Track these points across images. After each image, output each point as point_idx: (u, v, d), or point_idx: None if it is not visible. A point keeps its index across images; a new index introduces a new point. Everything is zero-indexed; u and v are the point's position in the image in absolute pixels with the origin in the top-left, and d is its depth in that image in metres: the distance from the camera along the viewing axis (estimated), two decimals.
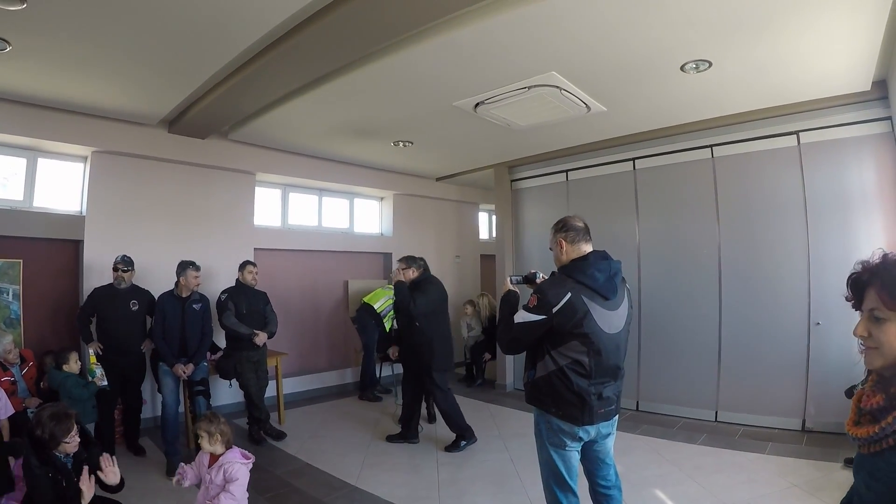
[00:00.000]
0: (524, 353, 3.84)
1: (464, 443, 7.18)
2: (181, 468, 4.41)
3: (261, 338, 7.37)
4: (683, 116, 7.66)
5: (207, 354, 7.13)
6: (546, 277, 4.19)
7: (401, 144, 9.18)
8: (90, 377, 6.21)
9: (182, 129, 8.11)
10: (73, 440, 4.06)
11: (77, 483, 3.99)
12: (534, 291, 3.65)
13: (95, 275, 7.45)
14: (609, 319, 3.60)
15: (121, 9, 4.60)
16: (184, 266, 6.87)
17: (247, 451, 4.42)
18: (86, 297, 7.11)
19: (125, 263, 6.92)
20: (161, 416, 6.74)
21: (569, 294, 3.48)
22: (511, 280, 4.28)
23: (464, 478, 6.15)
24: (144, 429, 7.38)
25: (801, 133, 7.25)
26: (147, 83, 6.44)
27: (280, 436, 7.53)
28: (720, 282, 7.84)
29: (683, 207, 8.25)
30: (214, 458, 4.31)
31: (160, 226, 8.33)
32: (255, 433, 7.34)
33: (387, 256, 11.99)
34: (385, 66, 5.85)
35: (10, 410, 5.58)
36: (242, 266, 7.68)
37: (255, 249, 9.43)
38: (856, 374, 6.15)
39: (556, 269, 3.87)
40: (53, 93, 6.66)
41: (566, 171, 9.84)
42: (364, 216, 12.12)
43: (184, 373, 6.59)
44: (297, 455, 6.79)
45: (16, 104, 6.86)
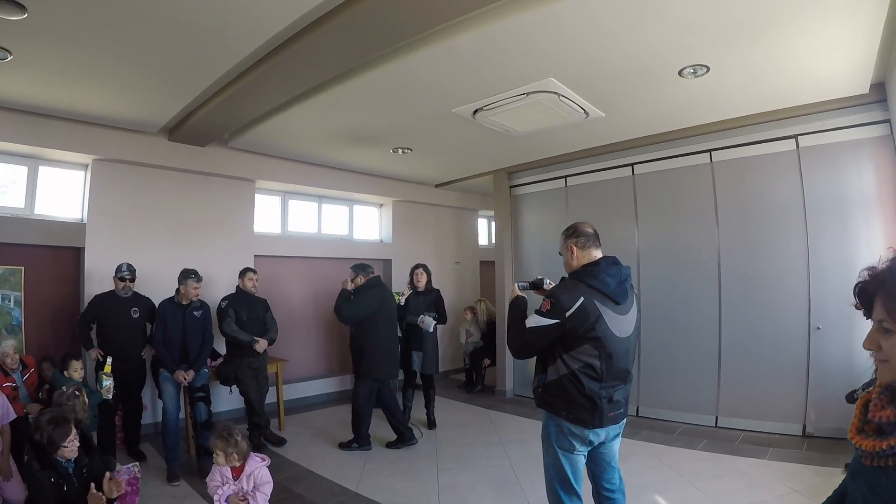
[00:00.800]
0: (533, 359, 3.86)
1: (355, 446, 7.39)
2: (216, 492, 4.38)
3: (261, 345, 7.36)
4: (682, 121, 7.67)
5: (208, 361, 7.13)
6: (552, 283, 4.22)
7: (400, 151, 9.18)
8: (98, 387, 6.18)
9: (182, 137, 8.12)
10: (73, 445, 4.06)
11: (77, 488, 4.01)
12: (546, 296, 3.67)
13: (96, 282, 7.48)
14: (620, 324, 3.64)
15: (121, 18, 4.62)
16: (185, 275, 6.87)
17: (262, 455, 4.52)
18: (86, 304, 7.13)
19: (131, 272, 6.96)
20: (161, 422, 6.75)
21: (581, 298, 3.51)
22: (518, 286, 4.28)
23: (463, 484, 6.15)
24: (145, 434, 7.40)
25: (800, 137, 7.26)
26: (147, 91, 6.46)
27: (280, 442, 7.53)
28: (720, 286, 7.84)
29: (682, 212, 8.26)
30: (237, 470, 4.36)
31: (160, 233, 8.35)
32: (256, 439, 7.33)
33: (386, 263, 11.99)
34: (384, 73, 5.86)
35: (12, 415, 5.59)
36: (243, 273, 7.68)
37: (255, 256, 9.45)
38: (856, 379, 6.16)
39: (567, 275, 3.90)
40: (54, 101, 6.68)
41: (565, 177, 9.85)
42: (363, 223, 12.12)
43: (184, 379, 6.59)
44: (298, 461, 6.79)
45: (17, 112, 6.89)
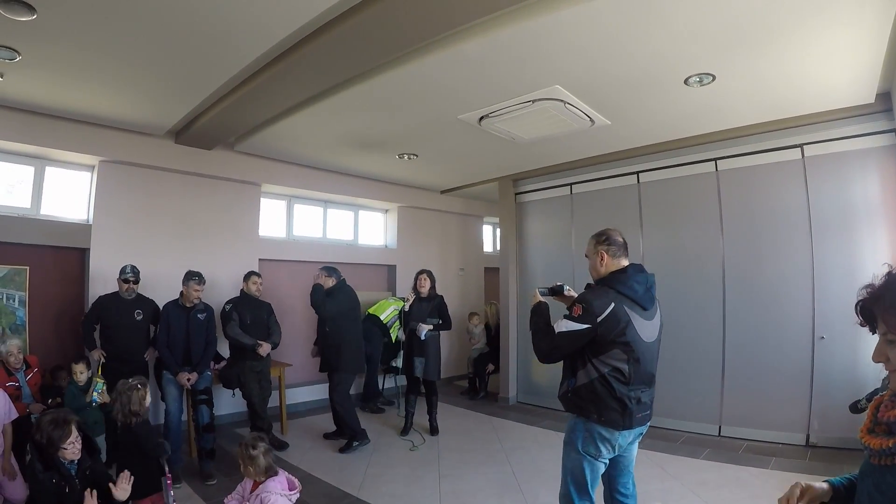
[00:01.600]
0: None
1: (356, 443, 7.49)
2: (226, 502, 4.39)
3: (264, 348, 7.35)
4: (687, 130, 7.66)
5: (211, 364, 7.14)
6: (571, 289, 4.29)
7: (406, 157, 9.20)
8: (95, 390, 6.16)
9: (189, 140, 8.15)
10: (73, 447, 4.05)
11: (80, 491, 4.01)
12: (577, 301, 3.70)
13: (101, 283, 7.49)
14: (646, 329, 3.72)
15: (130, 21, 4.64)
16: (188, 277, 6.89)
17: (294, 480, 4.30)
18: (90, 305, 7.14)
19: (135, 274, 6.96)
20: (164, 424, 6.73)
21: (612, 304, 3.58)
22: (538, 292, 4.29)
23: (465, 490, 6.14)
24: None
25: (806, 146, 7.25)
26: (155, 94, 6.49)
27: (282, 446, 7.53)
28: (724, 295, 7.82)
29: (687, 221, 8.25)
30: (256, 485, 4.25)
31: (166, 235, 8.37)
32: None
33: (391, 268, 12.00)
34: (390, 79, 5.88)
35: (14, 414, 5.60)
36: (247, 277, 7.69)
37: (260, 260, 9.46)
38: (860, 389, 6.16)
39: (594, 281, 3.95)
40: (62, 102, 6.71)
41: (570, 185, 9.85)
42: (368, 228, 12.13)
43: (187, 381, 6.60)
44: (299, 465, 6.78)
45: (25, 113, 6.91)
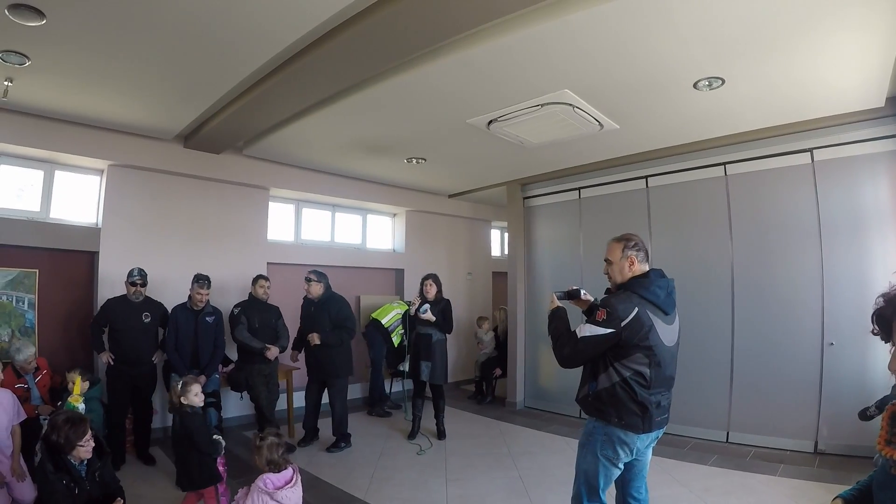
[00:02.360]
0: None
1: (344, 445, 7.68)
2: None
3: (272, 352, 7.38)
4: (696, 134, 7.65)
5: (219, 367, 7.16)
6: (588, 294, 4.33)
7: (414, 161, 9.21)
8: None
9: (197, 145, 8.17)
10: (88, 445, 4.10)
11: (88, 492, 4.03)
12: (601, 306, 3.70)
13: (110, 286, 7.51)
14: (668, 333, 3.76)
15: (138, 26, 4.67)
16: (194, 280, 6.94)
17: (278, 481, 4.22)
18: (99, 308, 7.17)
19: (142, 277, 6.99)
20: (171, 427, 6.76)
21: (636, 309, 3.62)
22: (556, 296, 4.31)
23: (472, 495, 6.13)
24: (154, 438, 7.41)
25: (815, 150, 7.22)
26: (163, 99, 6.52)
27: (290, 449, 7.52)
28: (733, 300, 7.80)
29: (696, 225, 8.23)
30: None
31: (174, 239, 8.40)
32: None
33: (399, 272, 12.01)
34: (399, 84, 5.89)
35: (23, 416, 5.63)
36: (255, 280, 7.71)
37: (269, 264, 9.49)
38: (869, 396, 6.12)
39: (614, 286, 3.97)
40: (71, 107, 6.74)
41: (579, 189, 9.84)
42: (376, 232, 12.14)
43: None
44: (307, 468, 6.75)
45: (34, 117, 6.95)
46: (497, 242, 15.14)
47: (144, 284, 7.02)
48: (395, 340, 9.93)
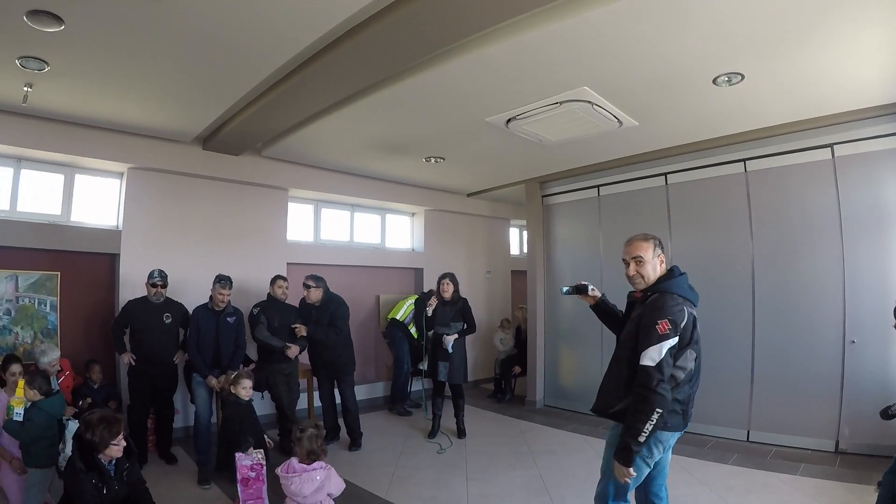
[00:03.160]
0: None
1: (360, 442, 7.73)
2: None
3: (293, 350, 7.40)
4: (716, 130, 7.60)
5: (240, 366, 7.18)
6: (596, 289, 4.30)
7: (433, 160, 9.21)
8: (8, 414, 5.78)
9: (216, 146, 8.21)
10: (120, 444, 4.14)
11: (116, 491, 4.07)
12: (657, 318, 3.51)
13: (131, 288, 7.56)
14: (698, 325, 3.69)
15: (156, 29, 4.70)
16: (215, 280, 6.95)
17: (297, 468, 4.45)
18: (120, 310, 7.22)
19: (162, 278, 7.03)
20: (193, 426, 6.83)
21: (685, 308, 3.57)
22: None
23: (493, 494, 6.13)
24: (176, 438, 7.45)
25: (836, 146, 7.15)
26: (182, 101, 6.56)
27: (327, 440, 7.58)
28: (754, 299, 7.76)
29: (716, 222, 8.19)
30: None
31: (195, 240, 8.45)
32: (286, 444, 7.34)
33: (418, 272, 12.03)
34: (417, 83, 5.89)
35: None
36: (273, 281, 7.72)
37: (288, 264, 9.52)
38: (891, 395, 6.07)
39: (641, 287, 3.84)
40: (90, 111, 6.80)
41: (598, 187, 9.81)
42: (395, 232, 12.16)
43: (217, 384, 6.65)
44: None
45: (54, 122, 7.02)
46: (516, 241, 15.11)
47: (165, 285, 7.06)
48: (413, 333, 9.95)
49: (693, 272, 3.98)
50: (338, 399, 7.95)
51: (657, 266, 3.81)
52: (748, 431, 7.73)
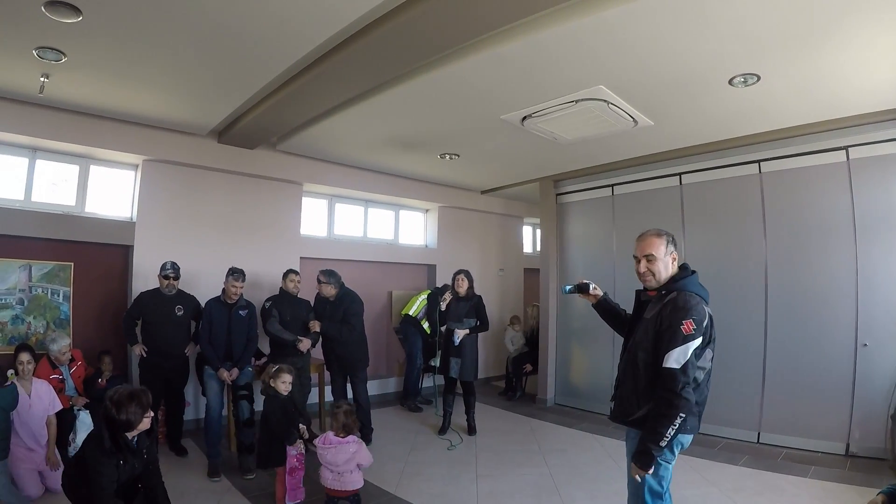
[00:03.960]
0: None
1: (370, 438, 7.69)
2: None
3: (305, 344, 7.40)
4: (731, 131, 7.57)
5: (252, 360, 7.19)
6: (597, 287, 4.27)
7: (447, 157, 9.21)
8: None
9: (231, 140, 8.24)
10: (150, 414, 4.19)
11: (137, 468, 4.11)
12: (681, 318, 3.39)
13: (144, 279, 7.62)
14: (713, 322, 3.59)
15: (174, 22, 4.71)
16: (228, 273, 6.95)
17: (332, 441, 5.08)
18: (132, 301, 7.25)
19: (174, 270, 7.06)
20: (205, 419, 6.83)
21: (705, 307, 3.48)
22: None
23: (503, 491, 6.13)
24: (187, 430, 7.50)
25: (851, 148, 7.11)
26: (198, 94, 6.58)
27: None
28: (766, 300, 7.73)
29: (730, 223, 8.16)
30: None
31: (208, 233, 8.48)
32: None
33: (431, 268, 12.04)
34: (433, 80, 5.89)
35: (59, 406, 5.75)
36: (285, 275, 7.72)
37: (301, 258, 9.53)
38: None
39: (653, 286, 3.74)
40: (107, 103, 6.82)
41: (612, 186, 9.80)
42: (409, 227, 12.18)
43: (228, 377, 6.67)
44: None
45: (71, 113, 7.05)
46: (529, 239, 15.12)
47: (177, 278, 7.09)
48: (427, 328, 9.96)
49: (706, 272, 3.95)
50: (350, 394, 7.95)
51: (669, 264, 3.70)
52: (759, 433, 7.70)
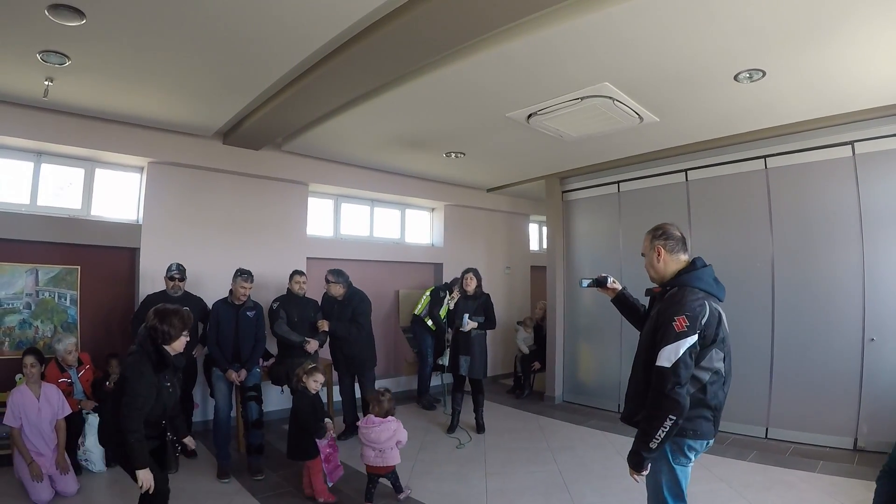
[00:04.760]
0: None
1: None
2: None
3: (312, 345, 7.41)
4: (736, 127, 7.56)
5: (260, 361, 7.20)
6: (616, 282, 4.23)
7: (453, 156, 9.21)
8: None
9: (236, 141, 8.24)
10: (186, 337, 4.30)
11: (171, 394, 4.24)
12: (673, 314, 3.29)
13: (151, 282, 7.63)
14: (725, 320, 3.51)
15: (177, 24, 4.71)
16: (236, 274, 6.95)
17: (375, 422, 5.72)
18: (139, 304, 7.25)
19: (180, 272, 7.07)
20: (213, 421, 6.85)
21: (706, 302, 3.37)
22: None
23: (512, 489, 6.13)
24: (196, 432, 7.45)
25: (856, 143, 7.10)
26: (202, 96, 6.59)
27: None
28: (773, 295, 7.72)
29: (736, 219, 8.15)
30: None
31: (215, 235, 8.49)
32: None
33: (437, 267, 12.03)
34: (438, 78, 5.89)
35: (68, 410, 5.76)
36: (291, 276, 7.73)
37: (308, 258, 9.53)
38: None
39: (658, 282, 3.74)
40: (111, 105, 6.83)
41: (618, 183, 9.79)
42: (415, 226, 12.19)
43: (237, 378, 6.66)
44: (346, 461, 6.75)
45: (75, 116, 7.06)
46: (535, 236, 15.11)
47: (183, 279, 7.10)
48: (431, 325, 9.97)
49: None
50: (358, 394, 7.96)
51: (654, 260, 3.72)
52: (767, 428, 7.71)
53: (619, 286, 4.25)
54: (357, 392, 8.00)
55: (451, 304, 8.34)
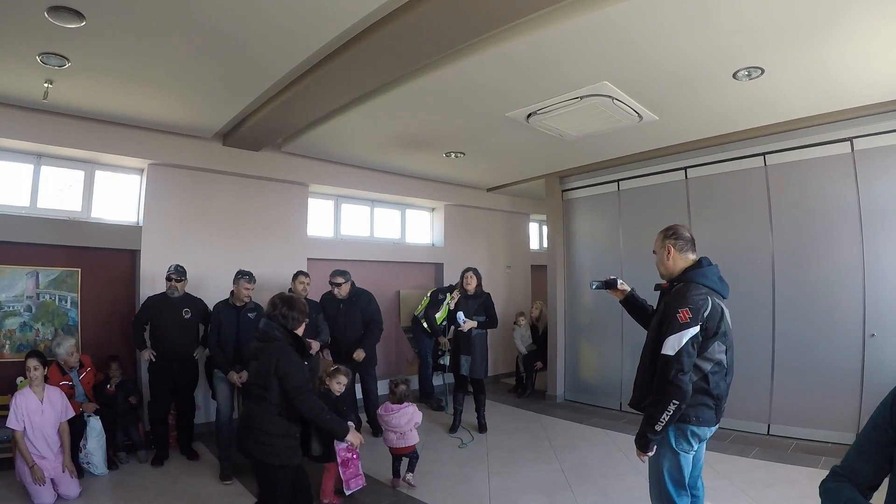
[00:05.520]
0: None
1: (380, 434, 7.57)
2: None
3: (314, 346, 7.37)
4: (735, 124, 7.57)
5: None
6: (625, 283, 4.34)
7: (453, 155, 9.21)
8: None
9: (236, 142, 8.24)
10: (306, 322, 4.71)
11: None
12: (678, 306, 3.54)
13: (151, 283, 7.63)
14: (728, 316, 3.75)
15: (177, 25, 4.71)
16: (238, 275, 6.95)
17: (394, 408, 6.30)
18: (140, 305, 7.25)
19: (178, 273, 7.08)
20: (215, 422, 6.84)
21: (709, 297, 3.58)
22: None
23: (515, 488, 6.13)
24: (198, 434, 7.50)
25: (855, 139, 7.10)
26: (202, 97, 6.58)
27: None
28: (773, 292, 7.73)
29: (736, 216, 8.15)
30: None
31: (215, 236, 8.48)
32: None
33: (438, 267, 12.05)
34: (438, 79, 5.89)
35: (71, 413, 5.77)
36: (294, 277, 7.74)
37: (308, 259, 9.52)
38: None
39: (666, 279, 3.93)
40: (111, 107, 6.83)
41: (617, 181, 9.78)
42: (415, 226, 12.18)
43: (238, 380, 6.64)
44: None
45: (74, 118, 7.05)
46: (536, 235, 15.12)
47: (181, 280, 7.11)
48: (426, 327, 9.97)
49: None
50: (359, 394, 7.97)
51: (664, 258, 3.91)
52: (769, 425, 7.72)
53: (628, 288, 4.36)
54: (358, 392, 8.00)
55: (452, 304, 8.34)
